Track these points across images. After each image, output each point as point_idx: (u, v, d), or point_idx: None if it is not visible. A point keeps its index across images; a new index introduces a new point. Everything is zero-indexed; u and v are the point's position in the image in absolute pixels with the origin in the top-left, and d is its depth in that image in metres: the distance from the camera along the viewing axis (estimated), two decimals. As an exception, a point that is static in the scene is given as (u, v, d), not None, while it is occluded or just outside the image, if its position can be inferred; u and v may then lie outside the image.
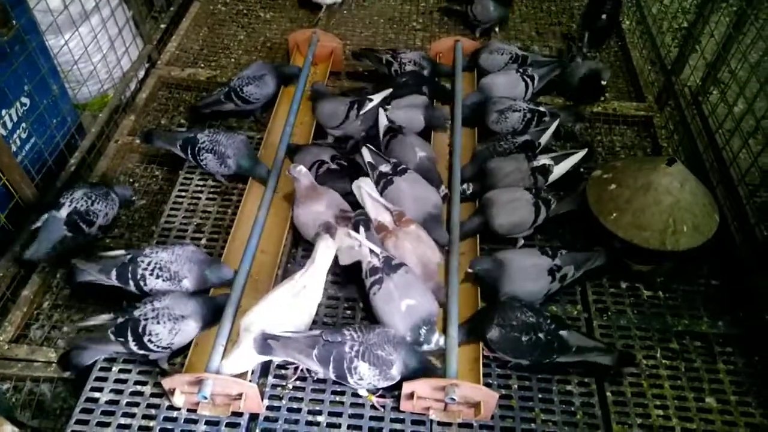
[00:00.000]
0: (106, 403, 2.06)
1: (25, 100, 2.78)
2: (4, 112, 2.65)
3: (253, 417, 2.06)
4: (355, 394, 2.10)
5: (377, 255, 2.19)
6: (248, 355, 2.01)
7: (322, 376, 2.12)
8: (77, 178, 2.88)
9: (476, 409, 2.00)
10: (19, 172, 2.54)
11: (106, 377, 2.13)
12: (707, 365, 2.27)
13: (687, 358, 2.28)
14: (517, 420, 2.08)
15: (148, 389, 2.10)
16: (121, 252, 2.28)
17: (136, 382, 2.12)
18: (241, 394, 1.97)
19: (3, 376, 2.27)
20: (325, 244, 2.17)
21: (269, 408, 2.07)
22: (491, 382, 2.17)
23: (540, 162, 2.63)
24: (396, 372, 1.96)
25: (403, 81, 3.08)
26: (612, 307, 2.43)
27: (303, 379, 2.15)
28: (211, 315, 2.15)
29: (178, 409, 2.05)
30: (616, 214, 2.36)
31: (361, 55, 3.35)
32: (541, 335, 2.07)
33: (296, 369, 2.15)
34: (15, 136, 2.73)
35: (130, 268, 2.20)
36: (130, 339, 2.04)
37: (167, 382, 1.97)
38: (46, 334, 2.42)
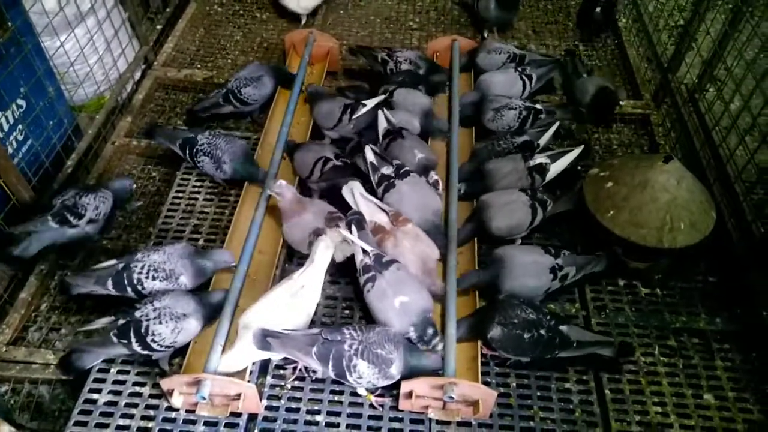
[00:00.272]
0: (105, 404, 2.07)
1: (21, 102, 2.78)
2: (0, 114, 2.64)
3: (252, 417, 2.06)
4: (354, 394, 2.10)
5: (368, 253, 2.19)
6: (246, 353, 2.02)
7: (320, 375, 2.12)
8: (74, 180, 2.88)
9: (475, 408, 2.00)
10: (16, 174, 2.53)
11: (104, 378, 2.13)
12: (705, 362, 2.27)
13: (685, 355, 2.29)
14: (516, 418, 2.08)
15: (146, 390, 2.11)
16: (113, 262, 2.27)
17: (135, 383, 2.12)
18: (240, 395, 1.97)
19: (1, 378, 2.27)
20: (324, 245, 2.18)
21: (268, 408, 2.07)
22: (490, 380, 2.17)
23: (536, 161, 2.64)
24: (395, 371, 1.96)
25: (400, 80, 3.08)
26: (610, 304, 2.44)
27: (301, 379, 2.15)
28: (212, 312, 2.16)
29: (177, 410, 2.05)
30: (614, 212, 2.36)
31: (357, 52, 3.35)
32: (543, 331, 2.07)
33: (294, 369, 2.15)
34: (11, 138, 2.73)
35: (125, 275, 2.20)
36: (134, 340, 2.04)
37: (166, 383, 1.97)
38: (44, 336, 2.42)
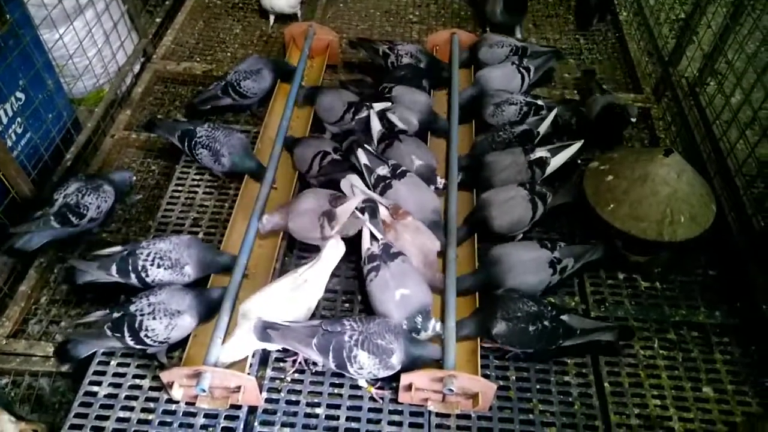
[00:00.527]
0: (105, 396, 2.07)
1: (20, 95, 2.77)
2: (-1, 107, 2.64)
3: (252, 410, 2.06)
4: (354, 387, 2.11)
5: (377, 241, 2.19)
6: (245, 342, 2.02)
7: (321, 368, 2.13)
8: (73, 174, 2.87)
9: (474, 400, 2.00)
10: (15, 167, 2.53)
11: (104, 371, 2.14)
12: (704, 355, 2.27)
13: (684, 348, 2.29)
14: (515, 411, 2.09)
15: (146, 383, 2.11)
16: (118, 248, 2.27)
17: (135, 376, 2.13)
18: (240, 387, 1.97)
19: (1, 370, 2.27)
20: (334, 244, 2.17)
21: (268, 401, 2.08)
22: (489, 373, 2.18)
23: (537, 155, 2.63)
24: (396, 361, 1.96)
25: (402, 74, 3.07)
26: (609, 298, 2.44)
27: (301, 372, 2.15)
28: (207, 309, 2.15)
29: (177, 402, 2.06)
30: (614, 206, 2.36)
31: (357, 45, 3.33)
32: (546, 323, 2.08)
33: (294, 362, 2.16)
34: (10, 131, 2.72)
35: (129, 261, 2.19)
36: (127, 335, 2.04)
37: (166, 376, 1.98)
38: (44, 329, 2.42)
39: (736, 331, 2.35)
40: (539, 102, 2.93)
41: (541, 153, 2.64)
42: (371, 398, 2.09)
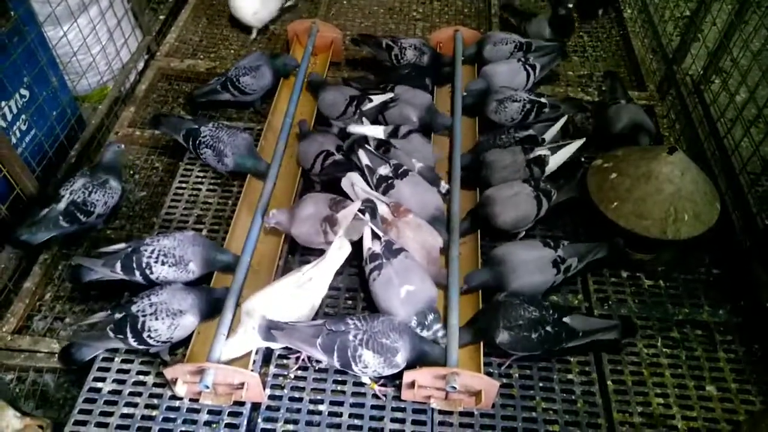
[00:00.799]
0: (109, 393, 2.08)
1: (25, 92, 2.78)
2: (3, 104, 2.64)
3: (255, 406, 2.07)
4: (357, 384, 2.11)
5: (379, 239, 2.19)
6: (248, 340, 2.03)
7: (325, 366, 2.13)
8: (77, 171, 2.88)
9: (477, 398, 2.01)
10: (20, 164, 2.53)
11: (108, 368, 2.14)
12: (708, 354, 2.27)
13: (688, 347, 2.29)
14: (518, 408, 2.09)
15: (150, 379, 2.12)
16: (122, 245, 2.28)
17: (139, 372, 2.14)
18: (243, 384, 1.98)
19: (6, 366, 2.28)
20: (339, 245, 2.17)
21: (271, 397, 2.08)
22: (492, 370, 2.18)
23: (536, 153, 2.62)
24: (401, 359, 1.97)
25: (406, 72, 3.07)
26: (613, 296, 2.44)
27: (305, 369, 2.16)
28: (210, 308, 2.15)
29: (181, 399, 2.06)
30: (617, 203, 2.35)
31: (360, 41, 3.33)
32: (549, 328, 2.07)
33: (297, 359, 2.16)
34: (15, 128, 2.73)
35: (134, 258, 2.20)
36: (130, 336, 2.04)
37: (169, 372, 1.98)
38: (48, 325, 2.43)
39: (740, 329, 2.35)
40: (542, 99, 2.92)
41: (540, 151, 2.62)
42: (374, 395, 2.09)
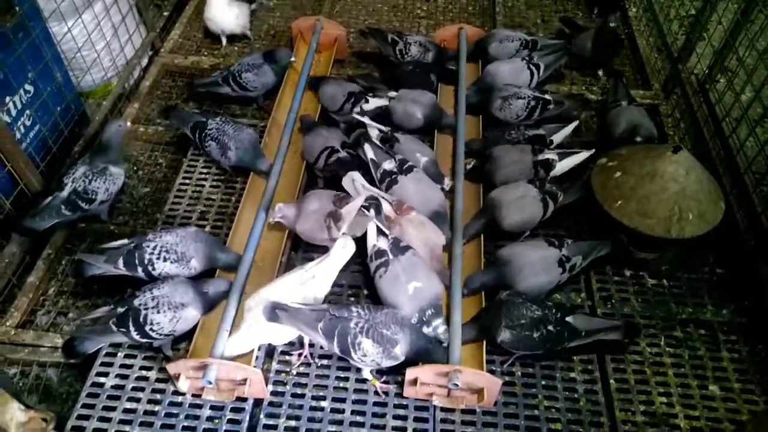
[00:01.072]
0: (112, 388, 2.08)
1: (29, 88, 2.78)
2: (8, 99, 2.64)
3: (258, 402, 2.07)
4: (360, 381, 2.11)
5: (386, 236, 2.19)
6: (249, 336, 2.03)
7: (327, 362, 2.14)
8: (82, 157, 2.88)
9: (479, 396, 2.01)
10: (24, 159, 2.54)
11: (111, 362, 2.15)
12: (711, 353, 2.26)
13: (691, 346, 2.28)
14: (521, 407, 2.08)
15: (153, 374, 2.12)
16: (124, 241, 2.28)
17: (142, 368, 2.14)
18: (246, 380, 1.98)
19: (10, 360, 2.29)
20: (343, 243, 2.17)
21: (273, 393, 2.09)
22: (494, 368, 2.18)
23: (545, 156, 2.61)
24: (400, 352, 1.97)
25: (410, 69, 3.07)
26: (616, 295, 2.43)
27: (307, 365, 2.16)
28: (212, 301, 2.16)
29: (183, 394, 2.07)
30: (621, 202, 2.35)
31: (367, 33, 3.34)
32: (551, 327, 2.06)
33: (300, 355, 2.16)
34: (19, 123, 2.73)
35: (136, 254, 2.20)
36: (132, 329, 2.05)
37: (172, 368, 1.99)
38: (52, 320, 2.44)
39: (744, 329, 2.34)
40: (547, 96, 2.92)
41: (549, 155, 2.62)
42: (376, 392, 2.09)
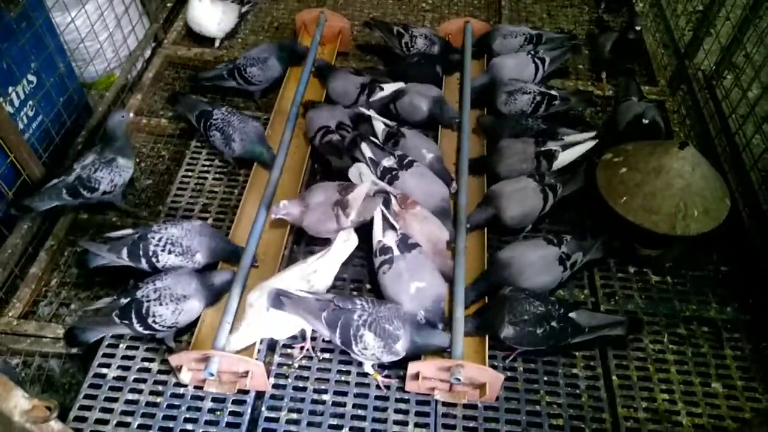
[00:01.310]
0: (114, 379, 2.08)
1: (32, 78, 2.77)
2: (11, 90, 2.64)
3: (260, 395, 2.07)
4: (361, 374, 2.11)
5: (395, 231, 2.18)
6: (251, 331, 2.03)
7: (328, 356, 2.14)
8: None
9: (481, 391, 2.00)
10: (27, 149, 2.53)
11: (113, 354, 2.15)
12: (714, 351, 2.26)
13: (694, 344, 2.27)
14: (522, 402, 2.08)
15: (155, 366, 2.12)
16: (129, 231, 2.28)
17: (144, 359, 2.14)
18: (248, 372, 1.98)
19: (13, 351, 2.29)
20: (345, 237, 2.17)
21: (275, 386, 2.09)
22: (497, 363, 2.17)
23: (547, 147, 2.60)
24: (401, 348, 1.96)
25: (416, 60, 3.06)
26: (619, 291, 2.42)
27: (309, 359, 2.16)
28: (214, 293, 2.15)
29: (185, 386, 2.07)
30: (626, 198, 2.33)
31: (373, 25, 3.33)
32: (554, 323, 2.06)
33: (302, 348, 2.16)
34: (22, 114, 2.73)
35: (141, 245, 2.20)
36: (135, 321, 2.05)
37: (174, 359, 1.98)
38: (54, 311, 2.44)
39: (748, 327, 2.33)
40: (553, 92, 2.90)
41: (551, 146, 2.61)
42: (378, 386, 2.09)
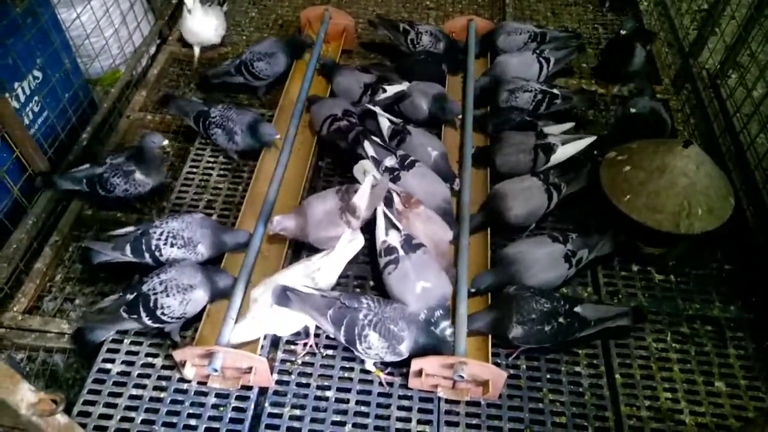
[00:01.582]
0: (118, 374, 2.09)
1: (38, 74, 2.78)
2: (16, 85, 2.65)
3: (263, 391, 2.07)
4: (364, 371, 2.11)
5: (399, 231, 2.18)
6: (255, 326, 2.03)
7: (332, 352, 2.14)
8: (89, 153, 2.89)
9: (484, 388, 2.00)
10: (32, 144, 2.55)
11: (117, 349, 2.16)
12: (718, 349, 2.25)
13: (697, 342, 2.27)
14: (525, 399, 2.08)
15: (159, 361, 2.13)
16: (131, 228, 2.29)
17: (147, 354, 2.15)
18: (251, 368, 1.99)
19: (17, 346, 2.30)
20: (350, 238, 2.17)
21: (278, 383, 2.09)
22: (500, 361, 2.17)
23: (547, 140, 2.61)
24: (404, 349, 1.97)
25: (421, 58, 3.06)
26: (623, 290, 2.42)
27: (312, 355, 2.16)
28: (217, 288, 2.15)
29: (189, 382, 2.07)
30: (630, 196, 2.33)
31: (378, 22, 3.33)
32: (561, 319, 2.06)
33: (305, 345, 2.17)
34: (27, 110, 2.74)
35: (143, 240, 2.21)
36: (143, 315, 2.05)
37: (178, 355, 1.99)
38: (58, 306, 2.45)
39: (751, 326, 2.33)
40: (555, 90, 2.90)
41: (551, 139, 2.61)
42: (381, 383, 2.09)
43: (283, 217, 2.28)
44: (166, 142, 2.56)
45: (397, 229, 2.20)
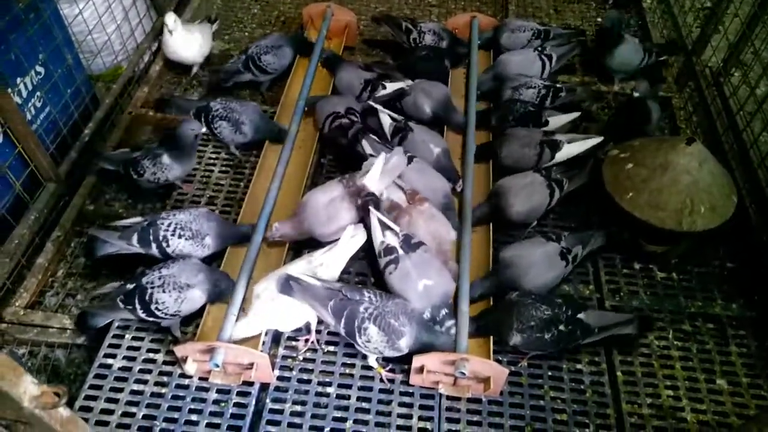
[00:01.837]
0: (119, 369, 2.09)
1: (40, 69, 2.78)
2: (19, 80, 2.65)
3: (264, 387, 2.08)
4: (366, 367, 2.12)
5: (397, 233, 2.17)
6: (257, 322, 2.04)
7: (333, 348, 2.14)
8: (91, 149, 2.89)
9: (485, 385, 2.00)
10: (34, 140, 2.55)
11: (119, 344, 2.16)
12: (719, 347, 2.25)
13: (699, 340, 2.27)
14: (526, 396, 2.08)
15: (160, 357, 2.13)
16: (138, 219, 2.30)
17: (149, 350, 2.15)
18: (253, 364, 1.99)
19: (19, 341, 2.31)
20: (352, 233, 2.17)
21: (280, 378, 2.09)
22: (501, 358, 2.17)
23: (553, 137, 2.61)
24: (404, 344, 1.96)
25: (424, 54, 3.05)
26: (625, 288, 2.42)
27: (314, 351, 2.16)
28: (218, 289, 2.14)
29: (190, 377, 2.07)
30: (633, 194, 2.33)
31: (381, 20, 3.32)
32: (562, 327, 2.04)
33: (307, 341, 2.17)
34: (30, 105, 2.74)
35: (150, 231, 2.21)
36: (138, 307, 2.06)
37: (180, 350, 1.99)
38: (60, 301, 2.45)
39: (753, 324, 2.32)
40: (558, 85, 2.90)
41: (559, 137, 2.61)
42: (382, 379, 2.09)
43: (282, 224, 2.29)
44: (204, 129, 2.55)
45: (392, 229, 2.18)
